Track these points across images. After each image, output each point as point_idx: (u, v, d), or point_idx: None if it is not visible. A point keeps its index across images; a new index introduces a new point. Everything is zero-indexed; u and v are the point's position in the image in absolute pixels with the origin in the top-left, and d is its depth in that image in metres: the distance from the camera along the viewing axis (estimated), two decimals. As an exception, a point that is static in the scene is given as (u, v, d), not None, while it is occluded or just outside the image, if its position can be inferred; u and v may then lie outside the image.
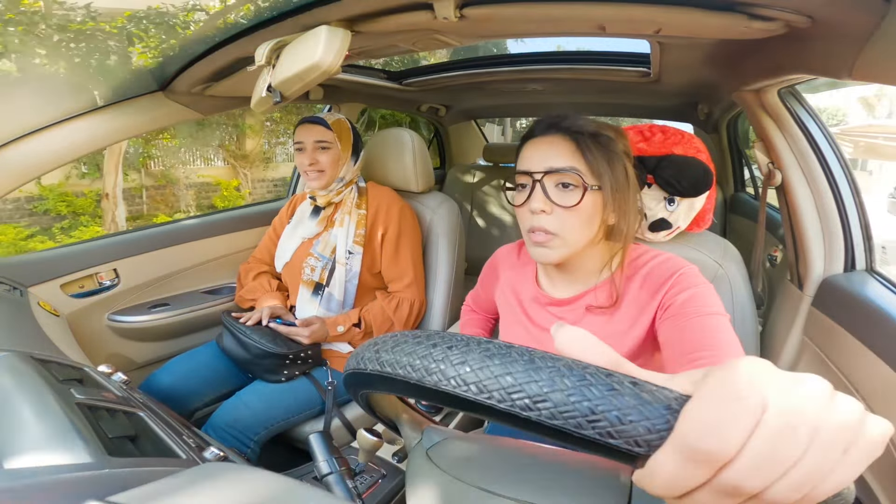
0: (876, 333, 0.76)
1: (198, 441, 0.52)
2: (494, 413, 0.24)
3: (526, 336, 0.79)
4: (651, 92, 1.50)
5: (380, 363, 0.29)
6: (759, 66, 0.87)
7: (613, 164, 0.67)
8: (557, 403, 0.22)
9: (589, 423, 0.21)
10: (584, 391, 0.21)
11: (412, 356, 0.27)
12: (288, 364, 1.10)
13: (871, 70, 0.56)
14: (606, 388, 0.21)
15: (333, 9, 0.67)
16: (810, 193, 0.97)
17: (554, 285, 0.78)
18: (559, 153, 0.66)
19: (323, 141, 1.22)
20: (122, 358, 1.27)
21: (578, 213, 0.66)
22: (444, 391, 0.25)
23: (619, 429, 0.21)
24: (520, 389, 0.23)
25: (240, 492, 0.35)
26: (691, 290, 0.64)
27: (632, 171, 0.70)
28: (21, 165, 0.93)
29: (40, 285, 1.09)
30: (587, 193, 0.65)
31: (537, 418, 0.22)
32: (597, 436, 0.21)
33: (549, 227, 0.66)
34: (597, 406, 0.21)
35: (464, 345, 0.26)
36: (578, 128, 0.67)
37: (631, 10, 0.68)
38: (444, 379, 0.25)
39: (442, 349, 0.27)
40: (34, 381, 0.50)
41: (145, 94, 0.98)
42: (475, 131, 2.85)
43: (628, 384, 0.21)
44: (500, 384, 0.23)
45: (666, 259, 0.70)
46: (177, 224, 1.40)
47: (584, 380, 0.22)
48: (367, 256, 1.25)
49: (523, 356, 0.24)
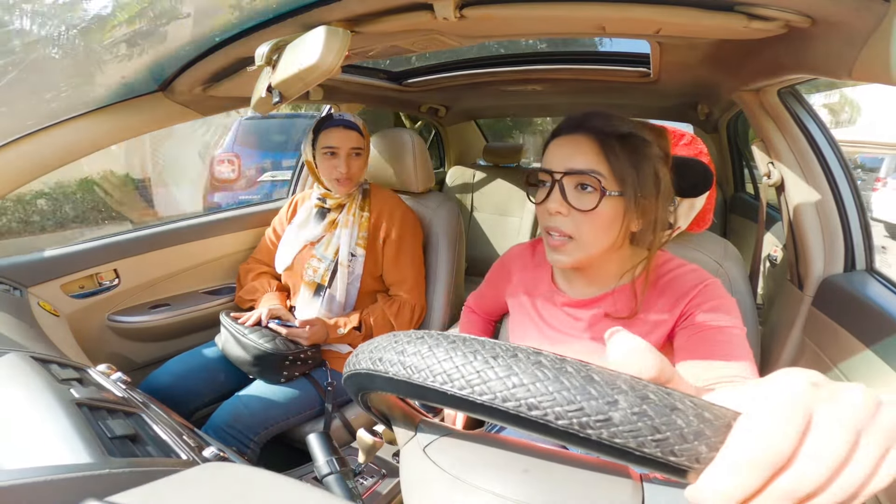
0: (876, 333, 0.76)
1: (198, 441, 0.52)
2: (549, 430, 0.24)
3: (539, 336, 0.78)
4: (651, 92, 1.50)
5: (433, 373, 0.28)
6: (759, 66, 0.87)
7: (641, 169, 0.63)
8: (622, 422, 0.22)
9: (653, 441, 0.22)
10: (648, 410, 0.22)
11: (454, 364, 0.26)
12: (288, 365, 1.10)
13: (871, 70, 0.56)
14: (669, 407, 0.22)
15: (333, 9, 0.67)
16: (810, 193, 0.97)
17: (571, 285, 0.77)
18: (582, 154, 0.63)
19: (358, 148, 1.20)
20: (122, 358, 1.27)
21: (595, 218, 0.64)
22: (495, 407, 0.25)
23: (683, 447, 0.21)
24: (580, 408, 0.23)
25: (239, 492, 0.35)
26: (713, 302, 0.64)
27: (666, 176, 0.66)
28: (21, 165, 0.93)
29: (40, 285, 1.09)
30: (606, 199, 0.62)
31: (598, 437, 0.23)
32: (659, 454, 0.22)
33: (565, 229, 0.65)
34: (661, 426, 0.22)
35: (511, 355, 0.25)
36: (606, 128, 0.64)
37: (631, 10, 0.68)
38: (494, 393, 0.25)
39: (485, 359, 0.26)
40: (34, 381, 0.50)
41: (145, 94, 0.98)
42: (475, 131, 2.86)
43: (690, 404, 0.22)
44: (558, 400, 0.23)
45: (690, 270, 0.69)
46: (177, 224, 1.40)
47: (646, 399, 0.22)
48: (370, 259, 1.24)
49: (580, 371, 0.24)
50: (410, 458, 0.38)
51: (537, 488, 0.32)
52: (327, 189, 1.27)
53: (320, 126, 1.22)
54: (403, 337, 0.30)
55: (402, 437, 0.42)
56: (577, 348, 0.74)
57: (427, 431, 0.40)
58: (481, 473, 0.33)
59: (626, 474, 0.33)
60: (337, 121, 1.21)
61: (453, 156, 2.80)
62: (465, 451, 0.36)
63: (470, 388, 0.25)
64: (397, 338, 0.31)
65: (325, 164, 1.20)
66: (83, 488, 0.34)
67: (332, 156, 1.19)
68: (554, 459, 0.34)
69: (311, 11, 0.68)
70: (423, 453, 0.37)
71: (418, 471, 0.36)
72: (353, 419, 1.16)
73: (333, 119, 1.22)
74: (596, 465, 0.33)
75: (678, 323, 0.67)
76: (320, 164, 1.22)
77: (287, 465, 0.80)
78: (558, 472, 0.33)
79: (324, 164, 1.21)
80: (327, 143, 1.19)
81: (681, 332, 0.66)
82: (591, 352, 0.72)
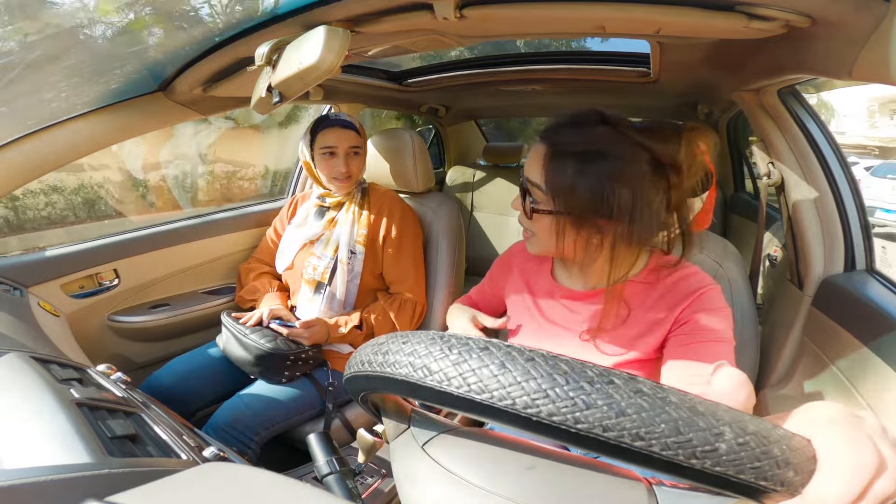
0: (876, 333, 0.76)
1: (198, 441, 0.52)
2: (651, 461, 0.24)
3: (538, 330, 0.79)
4: (651, 92, 1.50)
5: (490, 392, 0.26)
6: (759, 66, 0.87)
7: (581, 190, 0.62)
8: (728, 451, 0.24)
9: (752, 469, 0.24)
10: (751, 441, 0.24)
11: (558, 397, 0.25)
12: (288, 365, 1.10)
13: (871, 70, 0.56)
14: (768, 439, 0.24)
15: (333, 9, 0.67)
16: (810, 193, 0.97)
17: (570, 277, 0.78)
18: (533, 164, 0.68)
19: (356, 147, 1.21)
20: (122, 358, 1.27)
21: (537, 224, 0.69)
22: (601, 439, 0.24)
23: (775, 473, 0.24)
24: (688, 440, 0.24)
25: (240, 492, 0.35)
26: (709, 314, 0.65)
27: (647, 195, 0.63)
28: (21, 165, 0.93)
29: (40, 285, 1.09)
30: (536, 212, 0.66)
31: (701, 467, 0.24)
32: (752, 479, 0.23)
33: (524, 224, 0.73)
34: (761, 455, 0.24)
35: (607, 381, 0.25)
36: (557, 142, 0.65)
37: (631, 10, 0.68)
38: (599, 424, 0.24)
39: (579, 386, 0.25)
40: (34, 381, 0.50)
41: (145, 94, 0.98)
42: (475, 131, 2.86)
43: (781, 433, 0.25)
44: (666, 432, 0.24)
45: (691, 274, 0.69)
46: (177, 224, 1.40)
47: (745, 429, 0.24)
48: (370, 257, 1.24)
49: (684, 402, 0.25)
50: (408, 454, 0.37)
51: (550, 491, 0.31)
52: (327, 189, 1.27)
53: (317, 127, 1.22)
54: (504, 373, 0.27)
55: (392, 429, 0.41)
56: (570, 342, 0.74)
57: (421, 426, 0.39)
58: (489, 474, 0.32)
59: (635, 477, 0.32)
60: (334, 121, 1.21)
61: (453, 156, 2.80)
62: (469, 451, 0.35)
63: (587, 424, 0.25)
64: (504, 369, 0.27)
65: (324, 164, 1.21)
66: (83, 488, 0.34)
67: (332, 155, 1.20)
68: (556, 459, 0.33)
69: (311, 11, 0.68)
70: (423, 451, 0.36)
71: (420, 470, 0.35)
72: (354, 419, 1.16)
73: (330, 119, 1.22)
74: (602, 468, 0.33)
75: (673, 328, 0.67)
76: (319, 165, 1.22)
77: (287, 465, 0.80)
78: (569, 473, 0.32)
79: (323, 164, 1.21)
80: (325, 143, 1.19)
81: (672, 339, 0.67)
82: (584, 345, 0.73)
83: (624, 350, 0.70)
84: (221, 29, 0.76)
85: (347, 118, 1.24)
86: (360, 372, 0.35)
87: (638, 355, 0.69)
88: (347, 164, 1.20)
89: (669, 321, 0.67)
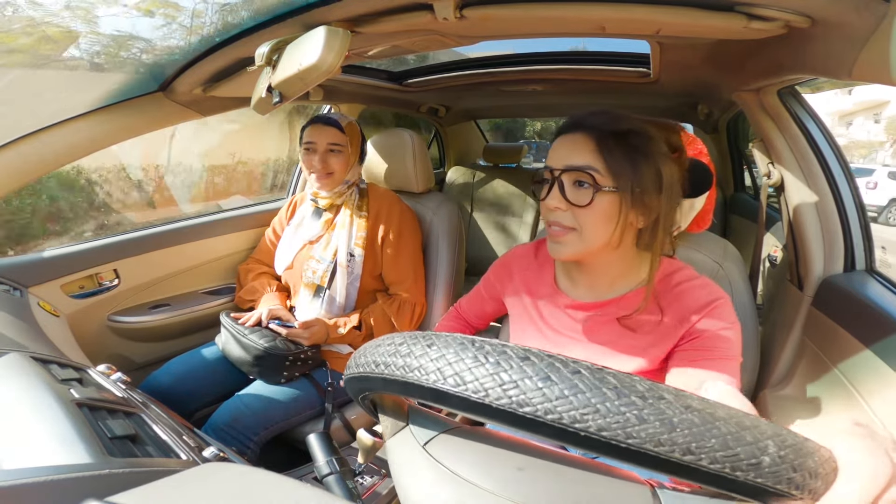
0: (876, 333, 0.76)
1: (197, 441, 0.52)
2: (696, 474, 0.25)
3: (541, 339, 0.77)
4: (651, 92, 1.50)
5: (517, 402, 0.26)
6: (759, 66, 0.87)
7: (639, 166, 0.63)
8: (771, 464, 0.24)
9: (788, 479, 0.24)
10: (790, 454, 0.25)
11: (615, 421, 0.25)
12: (288, 365, 1.10)
13: (871, 70, 0.56)
14: (804, 452, 0.25)
15: (333, 9, 0.67)
16: (810, 193, 0.97)
17: (575, 287, 0.76)
18: (579, 151, 0.65)
19: (336, 144, 1.21)
20: (122, 358, 1.27)
21: (592, 212, 0.65)
22: (655, 455, 0.24)
23: (807, 482, 0.25)
24: (735, 454, 0.24)
25: (239, 492, 0.35)
26: (718, 329, 0.65)
27: (672, 174, 0.66)
28: (21, 165, 0.93)
29: (40, 286, 1.09)
30: (600, 194, 0.64)
31: (744, 479, 0.24)
32: (786, 488, 0.24)
33: (565, 223, 0.67)
34: (798, 466, 0.25)
35: (657, 396, 0.25)
36: (603, 126, 0.65)
37: (631, 10, 0.68)
38: (654, 441, 0.24)
39: (640, 412, 0.25)
40: (34, 381, 0.50)
41: (145, 94, 0.98)
42: (475, 131, 2.86)
43: (814, 446, 0.26)
44: (715, 447, 0.24)
45: (702, 285, 0.69)
46: (177, 225, 1.40)
47: (784, 442, 0.25)
48: (369, 259, 1.24)
49: (732, 417, 0.25)
50: (408, 454, 0.36)
51: (556, 493, 0.31)
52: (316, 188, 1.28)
53: (306, 124, 1.25)
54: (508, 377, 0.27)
55: (390, 426, 0.40)
56: (577, 351, 0.73)
57: (421, 423, 0.38)
58: (495, 476, 0.32)
59: (638, 479, 0.32)
60: (317, 118, 1.24)
61: (453, 156, 2.80)
62: (472, 452, 0.34)
63: (639, 440, 0.24)
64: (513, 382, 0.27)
65: (304, 160, 1.23)
66: (83, 488, 0.34)
67: (310, 151, 1.21)
68: (554, 459, 0.33)
69: (311, 11, 0.69)
70: (425, 452, 0.35)
71: (423, 472, 0.35)
72: (353, 419, 1.16)
73: (315, 116, 1.25)
74: (603, 469, 0.33)
75: (680, 343, 0.67)
76: (302, 161, 1.24)
77: (287, 465, 0.80)
78: (572, 475, 0.32)
79: (304, 160, 1.24)
80: (306, 138, 1.22)
81: (679, 350, 0.67)
82: (590, 354, 0.72)
83: (631, 358, 0.69)
84: (221, 29, 0.76)
85: (334, 116, 1.25)
86: (374, 374, 0.33)
87: (644, 365, 0.69)
88: (325, 160, 1.21)
89: (679, 333, 0.67)
